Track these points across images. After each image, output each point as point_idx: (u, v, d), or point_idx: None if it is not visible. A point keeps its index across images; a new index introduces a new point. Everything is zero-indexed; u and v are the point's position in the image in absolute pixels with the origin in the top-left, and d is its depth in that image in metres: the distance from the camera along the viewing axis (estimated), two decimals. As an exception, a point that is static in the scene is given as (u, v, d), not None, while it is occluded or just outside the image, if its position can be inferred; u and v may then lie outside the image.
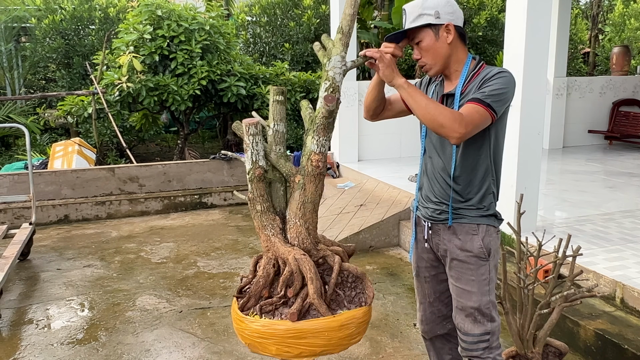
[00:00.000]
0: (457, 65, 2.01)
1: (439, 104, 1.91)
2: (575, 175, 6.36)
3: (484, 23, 10.78)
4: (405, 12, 1.98)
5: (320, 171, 1.89)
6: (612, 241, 3.93)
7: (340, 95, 1.94)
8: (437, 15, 1.93)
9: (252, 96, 7.96)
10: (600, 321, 3.03)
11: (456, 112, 1.87)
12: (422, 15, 1.93)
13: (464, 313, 2.05)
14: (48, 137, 9.32)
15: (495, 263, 2.08)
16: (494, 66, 2.01)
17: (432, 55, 1.98)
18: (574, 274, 2.40)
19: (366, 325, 1.99)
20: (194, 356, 3.15)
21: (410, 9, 1.96)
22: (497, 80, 1.89)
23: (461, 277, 2.04)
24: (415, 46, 2.01)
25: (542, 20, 3.92)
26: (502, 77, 1.90)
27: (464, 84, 1.98)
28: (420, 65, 2.04)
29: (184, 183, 6.88)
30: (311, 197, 1.90)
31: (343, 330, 1.84)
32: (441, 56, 1.98)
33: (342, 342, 1.87)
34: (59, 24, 9.73)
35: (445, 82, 2.10)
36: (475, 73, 1.99)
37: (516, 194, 4.02)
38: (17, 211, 6.00)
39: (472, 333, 2.03)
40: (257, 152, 1.94)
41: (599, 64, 13.57)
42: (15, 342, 3.35)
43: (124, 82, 7.16)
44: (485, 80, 1.91)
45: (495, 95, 1.87)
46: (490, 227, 2.05)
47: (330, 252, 1.95)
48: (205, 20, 7.70)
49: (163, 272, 4.54)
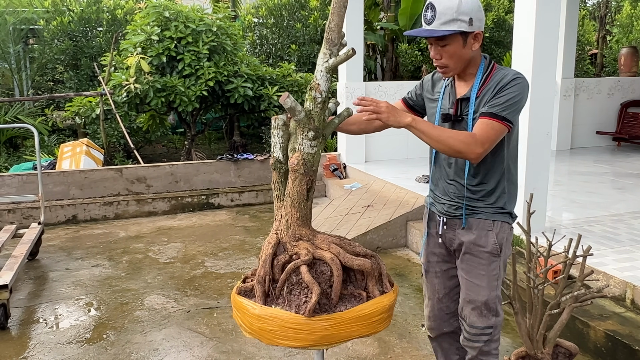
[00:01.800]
0: (473, 69, 2.00)
1: (450, 131, 1.90)
2: (583, 177, 6.33)
3: (490, 24, 10.75)
4: (435, 9, 1.86)
5: (295, 169, 1.88)
6: (621, 242, 3.91)
7: (328, 96, 1.90)
8: (470, 23, 1.88)
9: (259, 97, 7.97)
10: (610, 322, 3.01)
11: (469, 134, 1.86)
12: (456, 20, 1.85)
13: (471, 306, 2.09)
14: (56, 138, 9.36)
15: (505, 259, 2.12)
16: (505, 67, 2.00)
17: (455, 60, 1.94)
18: (584, 274, 2.38)
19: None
20: (202, 355, 3.15)
21: (444, 10, 1.85)
22: (512, 88, 1.88)
23: (472, 270, 2.08)
24: (438, 47, 1.94)
25: (550, 21, 3.91)
26: (516, 84, 1.88)
27: (479, 87, 1.96)
28: (436, 65, 1.99)
29: (191, 184, 6.90)
30: (290, 192, 1.91)
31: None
32: (464, 61, 1.96)
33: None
34: (67, 26, 9.79)
35: (457, 83, 2.07)
36: (488, 75, 1.97)
37: (525, 195, 4.00)
38: (26, 211, 6.04)
39: (477, 325, 2.09)
40: (274, 143, 2.00)
41: (606, 65, 13.50)
42: (24, 341, 3.37)
43: (132, 83, 7.19)
44: (501, 88, 1.89)
45: (510, 106, 1.87)
46: (505, 224, 2.07)
47: (306, 253, 1.88)
48: (213, 21, 7.72)
49: (171, 272, 4.55)
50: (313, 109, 1.87)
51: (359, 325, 1.85)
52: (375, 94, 7.59)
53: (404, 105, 2.29)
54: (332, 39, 1.84)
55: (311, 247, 1.89)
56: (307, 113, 1.87)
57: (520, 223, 2.56)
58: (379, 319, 1.89)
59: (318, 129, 1.88)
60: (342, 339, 1.86)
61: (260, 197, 7.04)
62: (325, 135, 1.93)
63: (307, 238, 1.92)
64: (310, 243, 1.91)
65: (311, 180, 1.90)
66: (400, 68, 10.91)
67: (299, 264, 1.85)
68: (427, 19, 1.90)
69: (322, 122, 1.90)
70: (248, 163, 7.16)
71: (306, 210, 1.93)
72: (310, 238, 1.92)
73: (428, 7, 1.89)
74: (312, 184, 1.91)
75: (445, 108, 2.07)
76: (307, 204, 1.93)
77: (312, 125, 1.87)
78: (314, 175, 1.92)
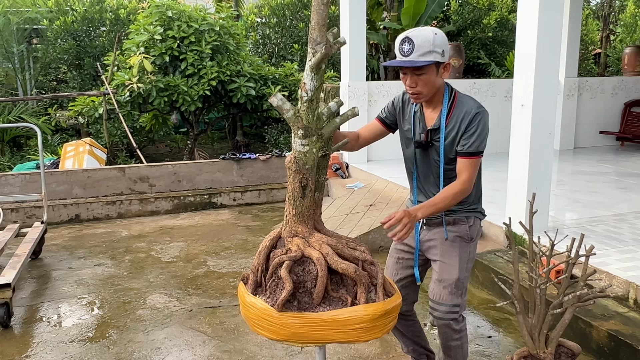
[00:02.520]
0: (439, 96, 2.26)
1: (448, 192, 2.17)
2: (586, 176, 6.31)
3: (493, 24, 10.73)
4: (412, 42, 2.08)
5: (288, 166, 1.93)
6: (624, 242, 3.89)
7: (317, 94, 1.91)
8: (443, 54, 2.13)
9: (261, 97, 7.98)
10: (613, 322, 3.00)
11: (460, 183, 2.17)
12: (432, 52, 2.09)
13: (442, 284, 2.31)
14: (59, 137, 9.38)
15: (475, 245, 2.43)
16: (463, 96, 2.26)
17: (429, 88, 2.17)
18: (587, 273, 2.38)
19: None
20: (204, 354, 3.16)
21: (421, 43, 2.08)
22: (477, 124, 2.18)
23: (446, 253, 2.34)
24: (414, 76, 2.14)
25: (554, 21, 3.90)
26: (479, 119, 2.18)
27: (446, 117, 2.23)
28: (411, 92, 2.20)
29: (194, 183, 6.91)
30: (287, 189, 1.97)
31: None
32: (435, 88, 2.20)
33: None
34: (70, 26, 9.81)
35: (425, 110, 2.32)
36: (452, 103, 2.24)
37: (527, 194, 4.00)
38: (29, 210, 6.06)
39: (446, 303, 2.30)
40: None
41: (610, 64, 13.46)
42: (27, 340, 3.38)
43: (135, 83, 7.21)
44: (469, 124, 2.18)
45: (481, 140, 2.20)
46: (476, 219, 2.40)
47: (293, 253, 1.89)
48: (215, 21, 7.73)
49: (173, 271, 4.56)
50: (300, 107, 1.89)
51: (333, 329, 1.82)
52: (378, 93, 7.59)
53: (380, 123, 2.48)
54: (314, 38, 1.84)
55: (303, 245, 1.90)
56: (295, 112, 1.88)
57: (523, 222, 2.55)
58: (360, 328, 1.84)
59: (307, 128, 1.88)
60: (316, 340, 1.84)
61: (263, 197, 7.04)
62: (322, 135, 1.92)
63: (303, 235, 1.93)
64: (304, 240, 1.92)
65: (305, 178, 1.90)
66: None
67: (283, 260, 1.86)
68: (404, 52, 2.11)
69: (314, 121, 1.90)
70: (250, 162, 7.16)
71: (302, 208, 1.93)
72: (305, 235, 1.93)
73: (405, 41, 2.11)
74: (307, 182, 1.91)
75: (417, 135, 2.35)
76: (304, 202, 1.92)
77: (301, 123, 1.88)
78: (309, 174, 1.91)
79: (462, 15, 10.96)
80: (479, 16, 10.85)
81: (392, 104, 2.44)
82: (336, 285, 1.91)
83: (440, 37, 2.12)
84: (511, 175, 4.24)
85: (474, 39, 10.90)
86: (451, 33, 11.16)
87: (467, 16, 10.90)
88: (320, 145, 1.94)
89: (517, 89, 4.10)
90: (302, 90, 1.89)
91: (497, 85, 8.31)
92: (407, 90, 2.23)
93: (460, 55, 8.59)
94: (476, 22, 10.91)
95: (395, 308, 1.94)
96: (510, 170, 4.24)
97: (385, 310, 1.89)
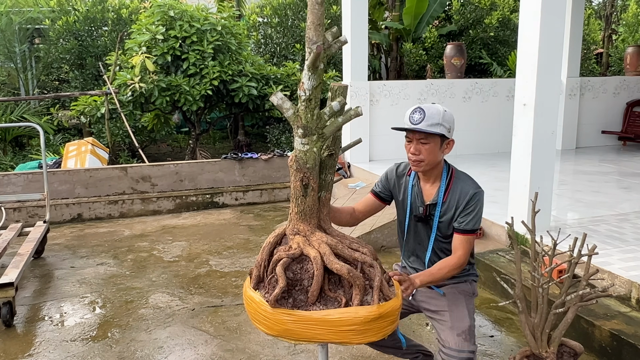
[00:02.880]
0: (438, 170, 2.35)
1: (444, 265, 2.24)
2: (588, 176, 6.31)
3: (495, 23, 10.72)
4: (424, 112, 2.19)
5: (290, 164, 1.94)
6: (627, 241, 3.89)
7: (316, 94, 1.91)
8: (449, 130, 2.24)
9: (263, 96, 7.98)
10: (615, 322, 3.00)
11: (457, 258, 2.26)
12: (440, 124, 2.20)
13: (456, 332, 2.30)
14: (61, 137, 9.40)
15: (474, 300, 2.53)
16: (461, 174, 2.35)
17: (431, 158, 2.26)
18: (589, 273, 2.37)
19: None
20: (206, 353, 3.16)
21: (431, 114, 2.19)
22: (475, 204, 2.29)
23: (454, 302, 2.38)
24: (419, 144, 2.24)
25: (556, 20, 3.90)
26: (477, 199, 2.29)
27: (444, 193, 2.33)
28: (413, 159, 2.28)
29: (196, 182, 6.91)
30: (291, 185, 1.97)
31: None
32: (436, 161, 2.29)
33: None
34: (73, 25, 9.82)
35: (423, 183, 2.40)
36: (450, 180, 2.34)
37: (530, 194, 3.99)
38: (32, 210, 6.07)
39: (465, 349, 2.27)
40: None
41: (612, 64, 13.44)
42: (29, 339, 3.39)
43: (137, 83, 7.22)
44: (467, 203, 2.28)
45: (477, 219, 2.30)
46: (473, 281, 2.49)
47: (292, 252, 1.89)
48: (217, 21, 7.74)
49: (175, 270, 4.56)
50: (299, 106, 1.90)
51: (324, 329, 1.82)
52: (380, 92, 7.59)
53: (375, 197, 2.52)
54: (310, 37, 1.84)
55: (303, 243, 1.91)
56: (295, 111, 1.89)
57: (525, 222, 2.55)
58: (352, 330, 1.82)
59: (307, 127, 1.89)
60: (307, 338, 1.84)
61: (265, 196, 7.04)
62: (323, 134, 1.92)
63: (304, 233, 1.94)
64: (305, 239, 1.93)
65: (306, 177, 1.91)
66: (404, 67, 10.89)
67: (282, 257, 1.88)
68: (414, 120, 2.22)
69: (313, 120, 1.90)
70: (252, 162, 7.17)
71: (304, 207, 1.93)
72: (307, 234, 1.94)
73: (416, 110, 2.22)
74: (308, 181, 1.92)
75: (415, 208, 2.42)
76: (306, 201, 1.93)
77: (300, 122, 1.89)
78: (309, 173, 1.91)
79: (464, 15, 10.95)
80: (481, 16, 10.84)
81: (385, 177, 2.51)
82: (334, 285, 1.90)
83: (449, 115, 2.24)
84: (513, 175, 4.23)
85: (476, 39, 10.89)
86: (453, 33, 11.16)
87: (468, 16, 10.89)
88: (321, 144, 1.94)
89: (520, 88, 4.10)
90: (300, 90, 1.89)
91: (499, 85, 8.31)
92: (409, 157, 2.30)
93: (462, 54, 8.58)
94: (478, 22, 10.90)
95: (391, 312, 1.90)
96: (513, 169, 4.24)
97: (379, 314, 1.84)
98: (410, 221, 2.46)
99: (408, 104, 7.88)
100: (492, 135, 8.27)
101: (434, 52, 10.87)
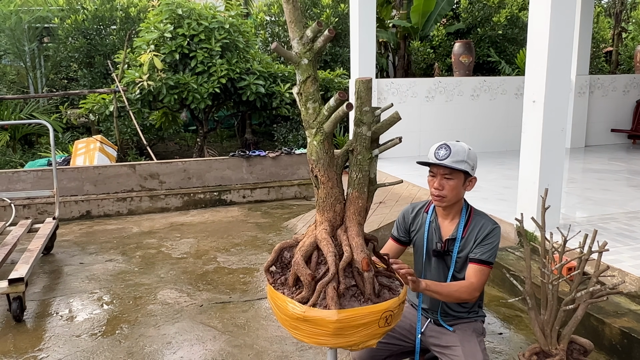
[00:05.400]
0: (458, 207, 2.37)
1: (453, 285, 2.24)
2: (598, 174, 6.27)
3: (504, 21, 10.67)
4: (450, 149, 2.24)
5: (315, 175, 1.91)
6: (637, 239, 3.86)
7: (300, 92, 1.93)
8: (472, 168, 2.28)
9: (270, 94, 7.99)
10: (625, 319, 2.98)
11: (469, 284, 2.24)
12: (464, 161, 2.24)
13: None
14: (70, 135, 9.46)
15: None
16: (479, 212, 2.38)
17: (453, 194, 2.29)
18: (599, 270, 2.36)
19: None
20: (214, 349, 3.17)
21: (457, 151, 2.24)
22: (493, 238, 2.31)
23: (466, 338, 2.34)
24: (443, 180, 2.26)
25: (566, 17, 3.88)
26: (495, 234, 2.31)
27: (463, 229, 2.34)
28: (436, 194, 2.30)
29: (204, 180, 6.93)
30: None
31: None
32: (458, 197, 2.32)
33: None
34: (81, 24, 9.88)
35: (441, 220, 2.40)
36: (469, 217, 2.36)
37: (539, 191, 3.98)
38: (41, 206, 6.11)
39: None
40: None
41: (621, 62, 13.34)
42: (39, 334, 3.41)
43: (145, 81, 7.24)
44: (486, 236, 2.30)
45: (494, 252, 2.31)
46: (482, 322, 2.48)
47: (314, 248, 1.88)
48: (225, 19, 7.75)
49: (183, 267, 4.58)
50: (299, 101, 1.94)
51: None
52: (387, 90, 7.58)
53: (395, 242, 2.53)
54: (290, 35, 1.87)
55: (310, 232, 1.95)
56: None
57: (535, 219, 2.53)
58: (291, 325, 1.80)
59: (305, 121, 1.92)
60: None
61: (272, 194, 7.05)
62: (324, 131, 1.92)
63: (316, 224, 1.97)
64: (313, 227, 1.96)
65: (312, 170, 1.93)
66: (412, 65, 10.87)
67: (287, 242, 1.97)
68: (439, 156, 2.25)
69: (308, 114, 1.92)
70: (260, 160, 7.17)
71: (317, 197, 1.95)
72: (317, 224, 1.96)
73: (442, 147, 2.26)
74: (317, 173, 1.93)
75: (433, 244, 2.41)
76: (318, 192, 1.93)
77: (303, 116, 1.94)
78: (314, 165, 1.92)
79: (472, 13, 10.91)
80: (489, 14, 10.80)
81: (402, 219, 2.52)
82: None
83: (474, 154, 2.29)
84: (522, 172, 4.21)
85: (484, 37, 10.85)
86: (461, 31, 11.11)
87: (477, 14, 10.85)
88: (321, 137, 1.93)
89: (529, 85, 4.07)
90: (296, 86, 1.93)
91: (508, 82, 8.27)
92: (432, 192, 2.31)
93: (471, 52, 8.55)
94: (486, 20, 10.86)
95: (324, 322, 1.71)
96: (522, 167, 4.22)
97: (304, 317, 1.72)
98: (427, 258, 2.45)
99: (416, 102, 7.86)
100: (500, 133, 8.23)
101: (441, 51, 10.84)
